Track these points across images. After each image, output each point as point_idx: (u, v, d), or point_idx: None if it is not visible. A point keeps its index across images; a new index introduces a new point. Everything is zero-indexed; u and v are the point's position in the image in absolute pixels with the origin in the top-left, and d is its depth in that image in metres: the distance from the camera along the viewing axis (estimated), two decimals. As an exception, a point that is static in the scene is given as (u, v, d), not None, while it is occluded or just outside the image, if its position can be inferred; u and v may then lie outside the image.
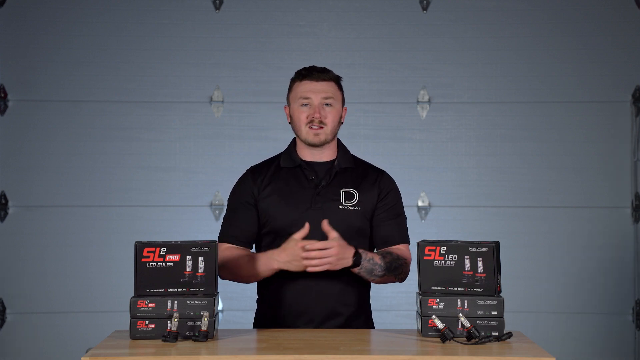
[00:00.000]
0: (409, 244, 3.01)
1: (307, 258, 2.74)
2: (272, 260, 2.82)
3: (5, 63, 4.66)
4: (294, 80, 3.00)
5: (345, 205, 2.93)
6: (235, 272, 2.92)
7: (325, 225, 2.77)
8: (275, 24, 4.74)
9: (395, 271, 2.90)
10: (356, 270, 2.83)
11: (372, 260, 2.84)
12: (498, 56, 4.73)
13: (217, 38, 4.72)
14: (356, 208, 2.94)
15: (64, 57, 4.67)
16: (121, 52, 4.69)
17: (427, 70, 4.74)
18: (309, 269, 2.76)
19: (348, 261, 2.78)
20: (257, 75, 4.71)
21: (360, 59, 4.74)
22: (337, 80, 3.00)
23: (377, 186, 2.99)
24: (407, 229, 3.03)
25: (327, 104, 2.95)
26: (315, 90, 2.94)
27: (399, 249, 2.96)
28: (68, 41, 4.67)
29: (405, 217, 3.03)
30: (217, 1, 4.72)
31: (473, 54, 4.73)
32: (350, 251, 2.79)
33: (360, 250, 2.83)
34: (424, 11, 4.74)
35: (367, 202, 2.96)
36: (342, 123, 3.02)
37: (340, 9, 4.76)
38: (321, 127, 2.94)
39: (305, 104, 2.94)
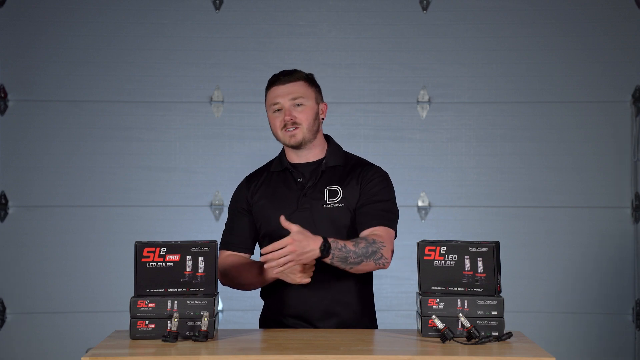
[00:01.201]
0: (392, 229, 2.89)
1: (268, 263, 2.62)
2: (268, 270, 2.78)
3: (5, 63, 4.66)
4: (265, 90, 3.01)
5: (328, 204, 2.91)
6: (236, 280, 2.94)
7: (283, 221, 2.66)
8: (275, 24, 4.74)
9: (373, 256, 2.76)
10: (328, 260, 2.70)
11: (345, 248, 2.72)
12: (498, 56, 4.73)
13: (217, 38, 4.72)
14: (340, 205, 2.90)
15: (64, 57, 4.67)
16: (121, 52, 4.69)
17: (427, 70, 4.74)
18: (273, 275, 2.72)
19: (315, 252, 2.65)
20: (257, 75, 4.70)
21: (360, 59, 4.74)
22: (306, 78, 2.98)
23: (358, 179, 2.94)
24: (391, 214, 2.89)
25: (297, 104, 2.94)
26: (282, 94, 2.94)
27: (373, 231, 2.84)
28: (68, 41, 4.67)
29: (391, 204, 2.91)
30: (217, 1, 4.72)
31: (473, 54, 4.73)
32: (315, 241, 2.65)
33: (330, 239, 2.70)
34: (424, 11, 4.74)
35: (351, 197, 2.91)
36: (323, 119, 3.00)
37: (340, 9, 4.76)
38: (296, 128, 2.93)
39: (277, 110, 2.95)
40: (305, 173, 2.97)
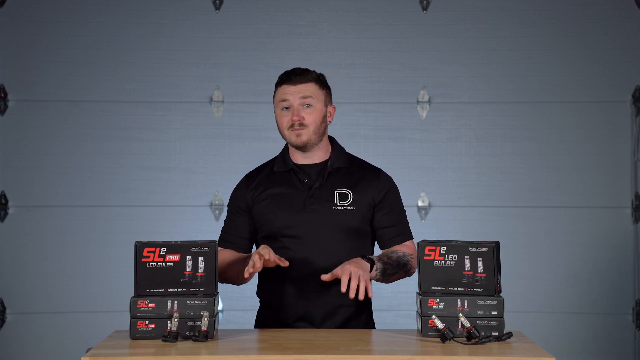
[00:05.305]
0: (413, 238, 3.02)
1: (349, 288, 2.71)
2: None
3: (5, 63, 4.66)
4: (275, 86, 3.00)
5: (339, 206, 2.92)
6: (224, 272, 2.91)
7: (323, 276, 2.75)
8: (275, 24, 4.74)
9: (404, 268, 2.92)
10: (373, 274, 2.82)
11: (381, 261, 2.86)
12: (498, 56, 4.73)
13: (217, 38, 4.72)
14: (351, 208, 2.92)
15: (64, 57, 4.67)
16: (121, 52, 4.69)
17: (427, 70, 4.74)
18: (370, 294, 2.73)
19: (367, 265, 2.78)
20: (257, 75, 4.71)
21: (360, 59, 4.74)
22: (318, 79, 2.97)
23: (374, 186, 2.97)
24: (408, 224, 3.03)
25: (306, 105, 2.93)
26: (292, 92, 2.93)
27: (404, 245, 2.98)
28: (68, 41, 4.67)
29: (405, 213, 3.04)
30: (217, 1, 4.72)
31: (473, 54, 4.74)
32: (361, 261, 2.79)
33: (367, 256, 2.85)
34: (424, 11, 4.74)
35: (363, 201, 2.94)
36: (330, 122, 3.01)
37: (340, 9, 4.76)
38: (303, 129, 2.92)
39: (285, 108, 2.94)
40: (310, 174, 2.97)
